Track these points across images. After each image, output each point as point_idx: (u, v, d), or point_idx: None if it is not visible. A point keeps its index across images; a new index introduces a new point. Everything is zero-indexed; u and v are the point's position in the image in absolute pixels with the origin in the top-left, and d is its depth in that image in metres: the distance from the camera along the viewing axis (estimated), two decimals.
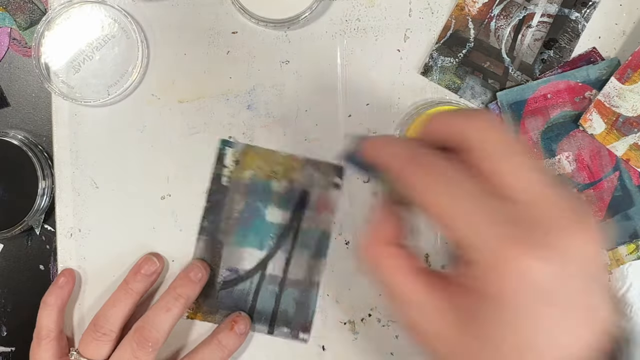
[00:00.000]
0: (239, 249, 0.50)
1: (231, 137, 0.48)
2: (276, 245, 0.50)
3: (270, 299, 0.50)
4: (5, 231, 0.52)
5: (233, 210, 0.50)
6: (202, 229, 0.50)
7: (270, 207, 0.49)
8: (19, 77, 0.54)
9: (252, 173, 0.49)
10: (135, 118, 0.51)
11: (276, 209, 0.50)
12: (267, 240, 0.50)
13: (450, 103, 0.50)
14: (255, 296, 0.50)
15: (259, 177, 0.49)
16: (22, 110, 0.55)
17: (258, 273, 0.50)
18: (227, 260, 0.50)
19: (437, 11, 0.51)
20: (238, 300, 0.50)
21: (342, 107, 0.51)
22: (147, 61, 0.51)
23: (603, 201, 0.51)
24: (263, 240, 0.50)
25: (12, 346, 0.55)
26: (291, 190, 0.49)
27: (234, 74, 0.51)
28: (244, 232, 0.50)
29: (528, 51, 0.51)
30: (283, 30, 0.51)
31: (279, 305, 0.50)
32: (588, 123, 0.50)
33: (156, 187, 0.51)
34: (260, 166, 0.49)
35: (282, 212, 0.50)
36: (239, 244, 0.50)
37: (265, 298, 0.50)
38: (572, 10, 0.51)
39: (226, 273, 0.50)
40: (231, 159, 0.49)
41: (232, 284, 0.50)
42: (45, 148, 0.54)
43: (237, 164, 0.49)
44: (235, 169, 0.49)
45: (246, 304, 0.50)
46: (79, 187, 0.51)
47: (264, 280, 0.50)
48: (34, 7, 0.54)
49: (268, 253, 0.50)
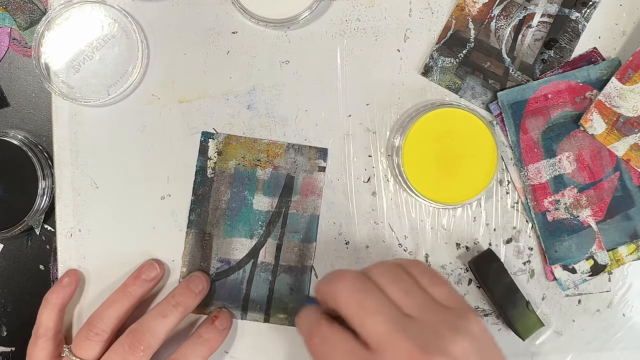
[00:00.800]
0: (229, 240, 0.50)
1: (213, 129, 0.48)
2: (266, 233, 0.50)
3: (264, 287, 0.50)
4: (5, 231, 0.52)
5: (220, 201, 0.50)
6: (190, 223, 0.50)
7: (256, 195, 0.50)
8: (19, 77, 0.54)
9: (235, 162, 0.49)
10: (135, 118, 0.51)
11: (263, 196, 0.50)
12: (257, 228, 0.50)
13: (451, 105, 0.50)
14: (249, 285, 0.50)
15: (243, 165, 0.49)
16: (22, 110, 0.55)
17: (250, 262, 0.50)
18: (218, 252, 0.50)
19: (437, 11, 0.51)
20: (232, 291, 0.50)
21: (342, 107, 0.51)
22: (147, 61, 0.51)
23: (603, 201, 0.51)
24: (252, 229, 0.50)
25: (12, 346, 0.55)
26: (276, 177, 0.50)
27: (234, 74, 0.51)
28: (232, 222, 0.50)
29: (528, 51, 0.51)
30: (283, 30, 0.51)
31: (273, 293, 0.50)
32: (589, 123, 0.50)
33: (156, 187, 0.51)
34: (244, 155, 0.49)
35: (268, 199, 0.50)
36: (228, 234, 0.50)
37: (259, 286, 0.50)
38: (573, 10, 0.51)
39: (218, 264, 0.50)
40: (214, 150, 0.49)
41: (224, 274, 0.50)
42: (45, 148, 0.54)
43: (220, 155, 0.49)
44: (219, 160, 0.49)
45: (240, 293, 0.50)
46: (79, 187, 0.51)
47: (257, 268, 0.50)
48: (34, 7, 0.54)
49: (258, 241, 0.50)
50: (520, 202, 0.51)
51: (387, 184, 0.51)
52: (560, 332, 0.52)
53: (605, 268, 0.51)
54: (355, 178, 0.51)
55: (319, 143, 0.51)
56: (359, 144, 0.51)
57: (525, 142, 0.51)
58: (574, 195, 0.51)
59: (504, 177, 0.52)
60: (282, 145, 0.50)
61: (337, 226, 0.51)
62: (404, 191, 0.51)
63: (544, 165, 0.51)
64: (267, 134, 0.51)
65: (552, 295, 0.52)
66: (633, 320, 0.52)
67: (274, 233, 0.50)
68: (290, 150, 0.50)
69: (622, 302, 0.52)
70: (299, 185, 0.50)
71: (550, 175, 0.51)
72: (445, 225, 0.51)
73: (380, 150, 0.51)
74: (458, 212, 0.51)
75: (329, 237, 0.51)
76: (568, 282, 0.51)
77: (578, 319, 0.52)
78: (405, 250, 0.51)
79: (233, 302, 0.50)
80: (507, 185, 0.52)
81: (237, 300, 0.50)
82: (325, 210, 0.51)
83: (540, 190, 0.51)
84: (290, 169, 0.50)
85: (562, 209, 0.51)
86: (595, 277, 0.51)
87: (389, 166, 0.51)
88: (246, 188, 0.50)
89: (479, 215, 0.51)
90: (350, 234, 0.51)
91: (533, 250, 0.51)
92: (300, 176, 0.50)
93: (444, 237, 0.51)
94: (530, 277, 0.51)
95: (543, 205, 0.51)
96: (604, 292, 0.52)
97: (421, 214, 0.51)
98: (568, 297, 0.52)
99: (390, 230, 0.51)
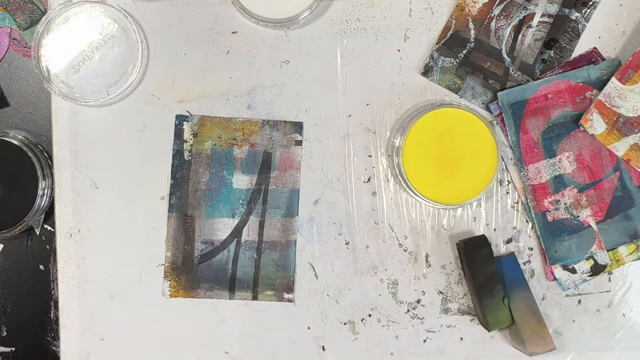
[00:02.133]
0: (211, 220, 0.50)
1: (187, 111, 0.49)
2: (247, 211, 0.50)
3: (249, 265, 0.50)
4: (5, 231, 0.52)
5: (199, 182, 0.50)
6: (170, 207, 0.50)
7: (235, 174, 0.50)
8: (19, 77, 0.54)
9: (212, 143, 0.50)
10: (135, 118, 0.51)
11: (241, 174, 0.50)
12: (238, 207, 0.50)
13: (451, 105, 0.50)
14: (235, 265, 0.50)
15: (220, 146, 0.50)
16: (22, 110, 0.55)
17: (234, 241, 0.50)
18: (201, 233, 0.50)
19: (437, 11, 0.51)
20: (218, 272, 0.50)
21: (342, 107, 0.51)
22: (147, 61, 0.51)
23: (603, 201, 0.51)
24: (233, 208, 0.50)
25: (12, 346, 0.55)
26: (253, 154, 0.50)
27: (234, 74, 0.51)
28: (213, 203, 0.50)
29: (528, 51, 0.51)
30: (283, 30, 0.51)
31: (259, 270, 0.50)
32: (589, 123, 0.50)
33: (156, 187, 0.51)
34: (219, 135, 0.50)
35: (247, 177, 0.50)
36: (210, 215, 0.50)
37: (244, 265, 0.50)
38: (573, 10, 0.51)
39: (202, 246, 0.50)
40: (189, 133, 0.50)
41: (209, 256, 0.50)
42: (45, 148, 0.54)
43: (195, 137, 0.50)
44: (195, 142, 0.50)
45: (226, 274, 0.50)
46: (78, 187, 0.51)
47: (241, 247, 0.50)
48: (34, 7, 0.54)
49: (241, 220, 0.50)
50: (520, 202, 0.51)
51: (387, 184, 0.51)
52: (560, 332, 0.52)
53: (605, 268, 0.51)
54: (356, 178, 0.51)
55: (317, 144, 0.51)
56: (359, 144, 0.51)
57: (525, 142, 0.51)
58: (574, 195, 0.51)
59: (504, 177, 0.52)
60: (257, 122, 0.50)
61: (337, 226, 0.51)
62: (404, 191, 0.51)
63: (544, 165, 0.51)
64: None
65: (552, 295, 0.52)
66: (633, 320, 0.52)
67: (255, 210, 0.50)
68: (266, 126, 0.50)
69: (622, 302, 0.52)
70: (277, 161, 0.50)
71: (550, 175, 0.51)
72: (445, 225, 0.51)
73: (381, 150, 0.51)
74: (458, 212, 0.51)
75: (329, 237, 0.51)
76: (568, 282, 0.51)
77: (578, 319, 0.52)
78: (405, 250, 0.51)
79: (220, 283, 0.50)
80: (507, 185, 0.52)
81: (224, 280, 0.50)
82: (325, 210, 0.51)
83: (540, 190, 0.51)
84: (267, 145, 0.50)
85: (562, 209, 0.51)
86: (595, 277, 0.51)
87: (389, 166, 0.51)
88: (224, 168, 0.50)
89: (479, 215, 0.51)
90: (350, 234, 0.51)
91: (533, 250, 0.51)
92: (278, 152, 0.50)
93: (444, 237, 0.51)
94: (531, 277, 0.51)
95: (543, 205, 0.51)
96: (604, 292, 0.52)
97: (421, 214, 0.51)
98: (568, 297, 0.52)
99: (391, 230, 0.51)
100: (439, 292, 0.51)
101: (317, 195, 0.51)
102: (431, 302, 0.51)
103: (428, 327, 0.51)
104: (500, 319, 0.49)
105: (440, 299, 0.51)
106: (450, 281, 0.51)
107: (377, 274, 0.51)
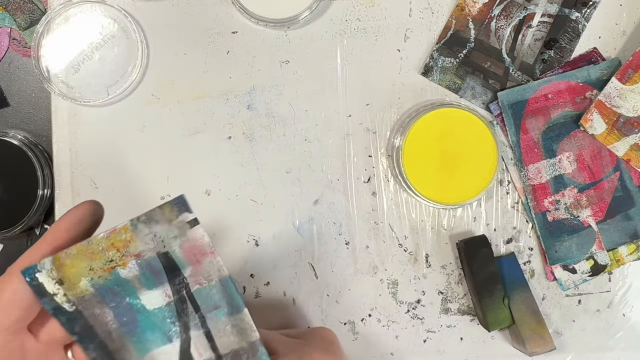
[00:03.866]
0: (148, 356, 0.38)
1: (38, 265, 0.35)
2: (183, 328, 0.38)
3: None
4: (5, 231, 0.52)
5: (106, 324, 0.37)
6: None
7: (142, 295, 0.37)
8: (19, 77, 0.54)
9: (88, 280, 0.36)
10: (135, 118, 0.51)
11: (149, 292, 0.37)
12: (169, 328, 0.38)
13: (451, 105, 0.50)
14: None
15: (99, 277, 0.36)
16: (22, 110, 0.55)
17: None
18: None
19: (437, 11, 0.51)
20: None
21: (342, 107, 0.51)
22: (147, 61, 0.51)
23: (604, 201, 0.51)
24: (165, 331, 0.38)
25: None
26: (147, 265, 0.37)
27: (234, 74, 0.51)
28: (138, 337, 0.38)
29: (529, 51, 0.51)
30: (283, 30, 0.51)
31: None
32: (589, 123, 0.50)
33: (156, 187, 0.51)
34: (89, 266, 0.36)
35: (158, 290, 0.37)
36: (143, 351, 0.38)
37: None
38: (573, 10, 0.51)
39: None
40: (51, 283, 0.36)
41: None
42: (45, 148, 0.54)
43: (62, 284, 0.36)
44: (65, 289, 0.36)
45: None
46: (78, 187, 0.51)
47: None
48: (34, 7, 0.54)
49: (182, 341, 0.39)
50: (520, 202, 0.51)
51: (387, 184, 0.51)
52: (560, 332, 0.52)
53: (605, 268, 0.51)
54: (356, 178, 0.51)
55: (317, 144, 0.51)
56: (359, 144, 0.51)
57: (525, 142, 0.51)
58: (574, 195, 0.51)
59: (504, 177, 0.52)
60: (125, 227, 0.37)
61: (337, 226, 0.51)
62: (404, 191, 0.51)
63: (544, 165, 0.51)
64: (267, 134, 0.51)
65: (552, 296, 0.52)
66: (633, 320, 0.52)
67: (192, 323, 0.38)
68: (139, 226, 0.36)
69: (622, 302, 0.52)
70: (181, 257, 0.37)
71: (550, 175, 0.51)
72: (445, 226, 0.51)
73: (381, 150, 0.51)
74: (458, 212, 0.51)
75: (329, 237, 0.51)
76: (568, 282, 0.51)
77: (578, 319, 0.52)
78: (405, 250, 0.51)
79: None
80: (507, 186, 0.52)
81: None
82: (326, 210, 0.51)
83: (540, 190, 0.51)
84: (156, 246, 0.37)
85: (562, 209, 0.51)
86: (595, 277, 0.51)
87: (389, 166, 0.51)
88: (123, 296, 0.37)
89: (479, 215, 0.51)
90: (350, 234, 0.51)
91: (533, 250, 0.51)
92: (175, 246, 0.37)
93: (444, 237, 0.51)
94: (531, 277, 0.51)
95: (543, 205, 0.51)
96: (604, 292, 0.52)
97: (421, 214, 0.51)
98: (568, 297, 0.52)
99: (391, 230, 0.51)
100: (439, 292, 0.51)
101: (317, 195, 0.51)
102: (431, 302, 0.51)
103: (428, 327, 0.51)
104: (500, 319, 0.49)
105: (440, 299, 0.51)
106: (450, 281, 0.51)
107: (377, 274, 0.51)
